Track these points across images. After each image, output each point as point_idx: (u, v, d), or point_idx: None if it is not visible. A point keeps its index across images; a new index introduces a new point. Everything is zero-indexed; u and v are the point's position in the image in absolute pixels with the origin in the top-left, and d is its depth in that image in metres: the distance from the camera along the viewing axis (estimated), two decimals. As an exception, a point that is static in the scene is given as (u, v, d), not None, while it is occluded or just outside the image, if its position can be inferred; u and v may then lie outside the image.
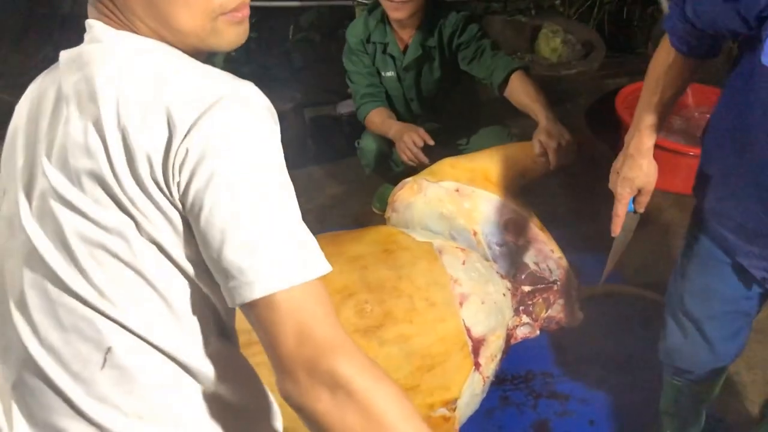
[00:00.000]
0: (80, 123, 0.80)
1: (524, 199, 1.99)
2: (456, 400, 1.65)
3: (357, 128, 2.73)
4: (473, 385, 1.69)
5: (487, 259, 1.88)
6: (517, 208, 1.92)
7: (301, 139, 3.12)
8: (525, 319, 1.89)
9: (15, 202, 0.88)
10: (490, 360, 1.73)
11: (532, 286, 1.90)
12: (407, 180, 2.00)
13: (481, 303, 1.72)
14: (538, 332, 1.92)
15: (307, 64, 3.78)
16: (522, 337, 1.91)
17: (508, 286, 1.86)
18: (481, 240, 1.90)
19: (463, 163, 2.00)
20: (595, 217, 2.80)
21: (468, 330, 1.67)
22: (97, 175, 0.79)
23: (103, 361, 0.83)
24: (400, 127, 2.38)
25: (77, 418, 0.84)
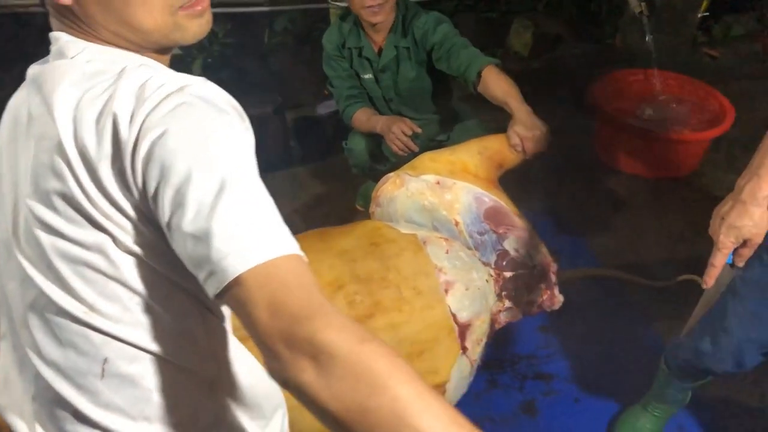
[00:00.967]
0: (45, 144, 0.81)
1: (502, 188, 2.06)
2: (445, 383, 1.72)
3: (338, 128, 2.78)
4: (461, 368, 1.76)
5: (469, 247, 1.95)
6: (496, 198, 1.99)
7: (283, 141, 3.17)
8: (508, 304, 1.97)
9: (6, 226, 0.90)
10: (476, 344, 1.80)
11: (513, 272, 1.96)
12: (390, 175, 2.06)
13: (466, 289, 1.79)
14: (520, 316, 1.99)
15: (284, 68, 3.83)
16: (506, 322, 1.98)
17: (491, 272, 1.93)
18: (462, 230, 1.97)
19: (443, 156, 2.06)
20: (571, 203, 2.91)
21: (454, 316, 1.74)
22: (67, 195, 0.79)
23: (102, 372, 0.85)
24: (387, 120, 2.44)
25: (87, 427, 0.87)
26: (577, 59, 3.60)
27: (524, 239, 2.01)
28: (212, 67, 3.56)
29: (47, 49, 0.90)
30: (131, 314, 0.84)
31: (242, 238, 0.71)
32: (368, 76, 2.57)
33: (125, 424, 0.87)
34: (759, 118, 3.13)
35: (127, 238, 0.81)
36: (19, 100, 0.91)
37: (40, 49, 0.93)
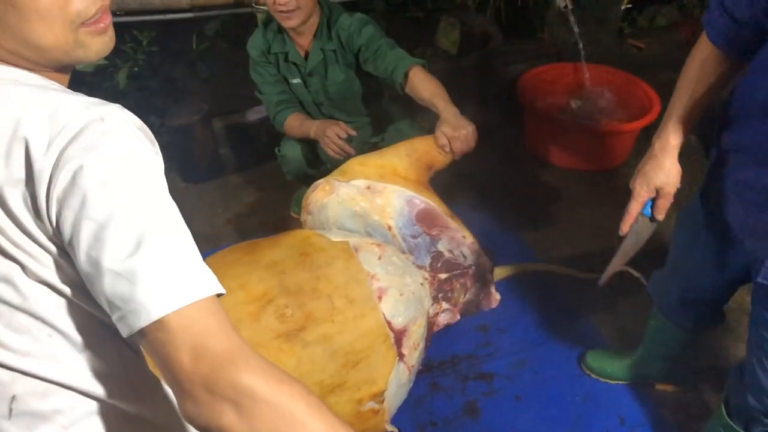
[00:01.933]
0: None
1: (433, 189, 2.05)
2: (383, 392, 1.70)
3: (270, 134, 2.72)
4: (399, 376, 1.74)
5: (403, 251, 1.93)
6: (426, 199, 1.98)
7: (212, 150, 3.08)
8: (445, 306, 1.96)
9: None
10: (414, 349, 1.78)
11: (449, 273, 1.96)
12: (319, 182, 2.02)
13: (400, 295, 1.77)
14: (458, 317, 1.98)
15: (214, 73, 3.74)
16: (444, 324, 1.97)
17: (425, 275, 1.92)
18: (395, 233, 1.95)
19: (372, 160, 2.04)
20: (504, 199, 2.93)
21: (389, 322, 1.71)
22: None
23: (9, 411, 0.81)
24: (320, 124, 2.40)
25: None
26: (506, 55, 3.62)
27: (458, 239, 2.00)
28: (139, 77, 3.44)
29: None
30: (41, 346, 0.81)
31: (166, 279, 0.71)
32: (297, 81, 2.52)
33: None
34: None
35: (38, 267, 0.77)
36: None
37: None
